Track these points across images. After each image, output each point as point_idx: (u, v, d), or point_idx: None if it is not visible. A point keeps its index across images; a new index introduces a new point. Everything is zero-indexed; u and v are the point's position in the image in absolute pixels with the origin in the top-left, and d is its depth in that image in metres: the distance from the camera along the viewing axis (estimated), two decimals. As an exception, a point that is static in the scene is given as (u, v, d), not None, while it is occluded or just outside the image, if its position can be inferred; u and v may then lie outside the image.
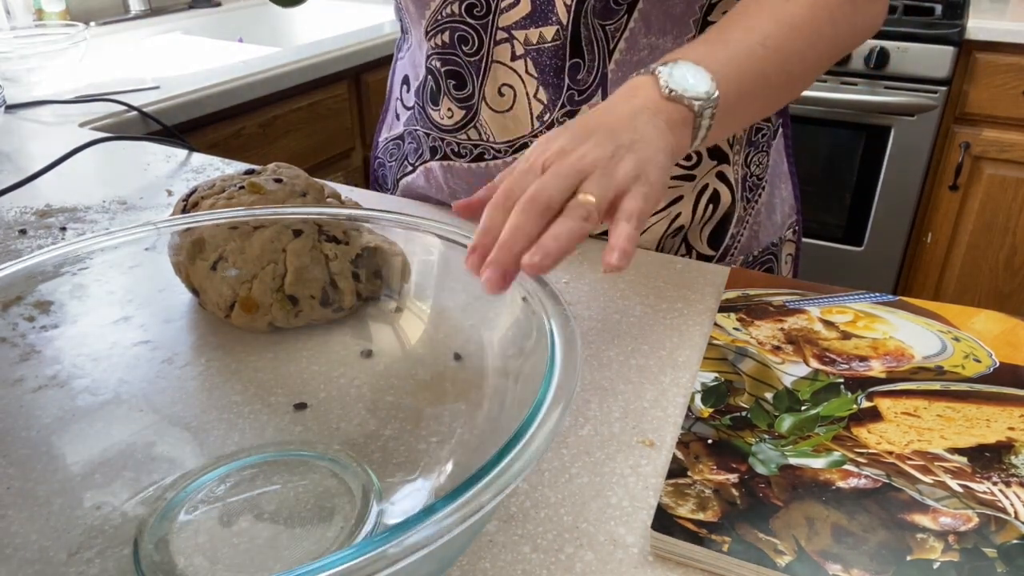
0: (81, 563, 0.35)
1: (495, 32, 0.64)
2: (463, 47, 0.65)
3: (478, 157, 0.69)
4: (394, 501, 0.39)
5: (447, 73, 0.67)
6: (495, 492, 0.26)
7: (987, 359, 0.50)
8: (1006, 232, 1.86)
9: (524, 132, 0.67)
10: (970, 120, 1.82)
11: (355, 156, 1.60)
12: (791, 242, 0.79)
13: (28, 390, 0.39)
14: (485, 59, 0.65)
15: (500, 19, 0.63)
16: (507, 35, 0.63)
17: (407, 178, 0.77)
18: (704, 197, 0.69)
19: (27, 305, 0.40)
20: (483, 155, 0.69)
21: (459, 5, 0.64)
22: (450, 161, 0.72)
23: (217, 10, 1.83)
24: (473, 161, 0.70)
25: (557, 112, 0.65)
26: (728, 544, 0.36)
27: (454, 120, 0.69)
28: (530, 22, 0.62)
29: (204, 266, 0.48)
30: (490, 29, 0.64)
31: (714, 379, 0.48)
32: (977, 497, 0.39)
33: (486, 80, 0.66)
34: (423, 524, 0.25)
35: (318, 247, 0.50)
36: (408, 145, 0.76)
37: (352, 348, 0.48)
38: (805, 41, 0.54)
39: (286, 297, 0.49)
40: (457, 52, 0.66)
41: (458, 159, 0.71)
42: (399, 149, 0.78)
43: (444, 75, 0.68)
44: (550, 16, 0.62)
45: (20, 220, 0.70)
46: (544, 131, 0.66)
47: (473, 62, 0.65)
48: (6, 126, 0.97)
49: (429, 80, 0.70)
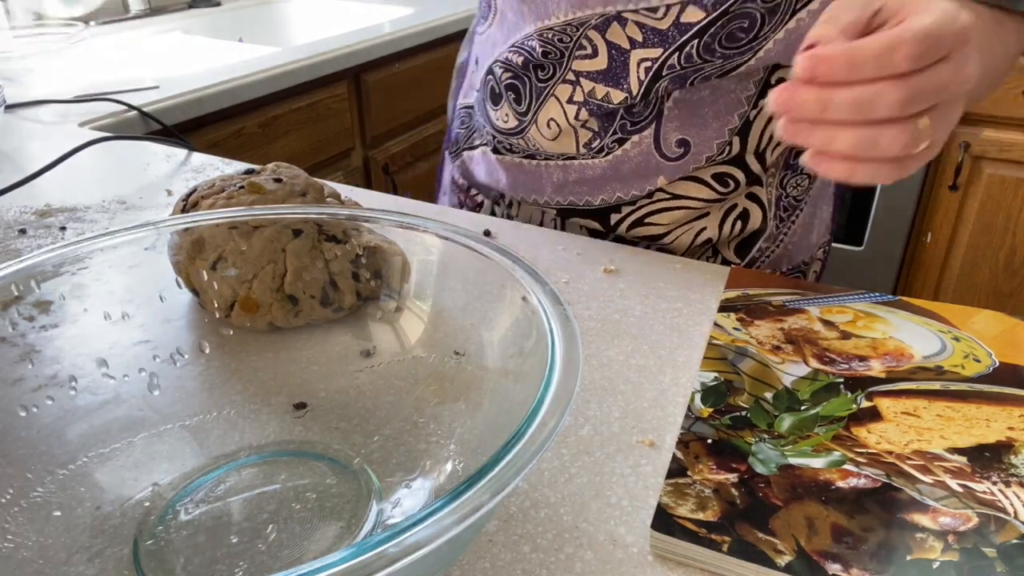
0: (81, 563, 0.35)
1: (566, 72, 0.64)
2: (538, 72, 0.65)
3: (529, 156, 0.70)
4: (394, 501, 0.39)
5: (508, 86, 0.68)
6: (495, 492, 0.26)
7: (987, 359, 0.50)
8: (1006, 232, 1.86)
9: (570, 151, 0.68)
10: (970, 120, 1.82)
11: (355, 156, 1.60)
12: (819, 260, 0.79)
13: (28, 390, 0.39)
14: (546, 91, 0.65)
15: (573, 62, 0.63)
16: (574, 78, 0.63)
17: (469, 152, 0.78)
18: (732, 215, 0.69)
19: (27, 305, 0.40)
20: (534, 156, 0.70)
21: (539, 44, 0.64)
22: (501, 156, 0.72)
23: (217, 10, 1.83)
24: (525, 158, 0.71)
25: (607, 139, 0.65)
26: (728, 544, 0.36)
27: (509, 126, 0.70)
28: (602, 78, 0.62)
29: (204, 266, 0.48)
30: (563, 68, 0.64)
31: (714, 379, 0.48)
32: (977, 497, 0.39)
33: (540, 108, 0.66)
34: (423, 524, 0.25)
35: (318, 247, 0.50)
36: (475, 122, 0.76)
37: (352, 348, 0.48)
38: None
39: (286, 297, 0.49)
40: (527, 74, 0.66)
41: (510, 155, 0.72)
42: (470, 119, 0.78)
43: (505, 87, 0.68)
44: (622, 82, 0.61)
45: (20, 220, 0.70)
46: (591, 157, 0.67)
47: (539, 89, 0.66)
48: (6, 126, 0.97)
49: (491, 80, 0.70)
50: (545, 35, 0.63)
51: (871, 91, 0.36)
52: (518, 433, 0.28)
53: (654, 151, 0.64)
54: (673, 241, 0.70)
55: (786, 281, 0.60)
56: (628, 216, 0.69)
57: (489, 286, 0.40)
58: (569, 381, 0.31)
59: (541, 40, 0.63)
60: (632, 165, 0.66)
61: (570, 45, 0.62)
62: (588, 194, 0.69)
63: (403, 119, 1.71)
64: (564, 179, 0.69)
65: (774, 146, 0.66)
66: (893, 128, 0.37)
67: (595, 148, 0.66)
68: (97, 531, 0.37)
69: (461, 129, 0.80)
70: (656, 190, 0.67)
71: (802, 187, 0.72)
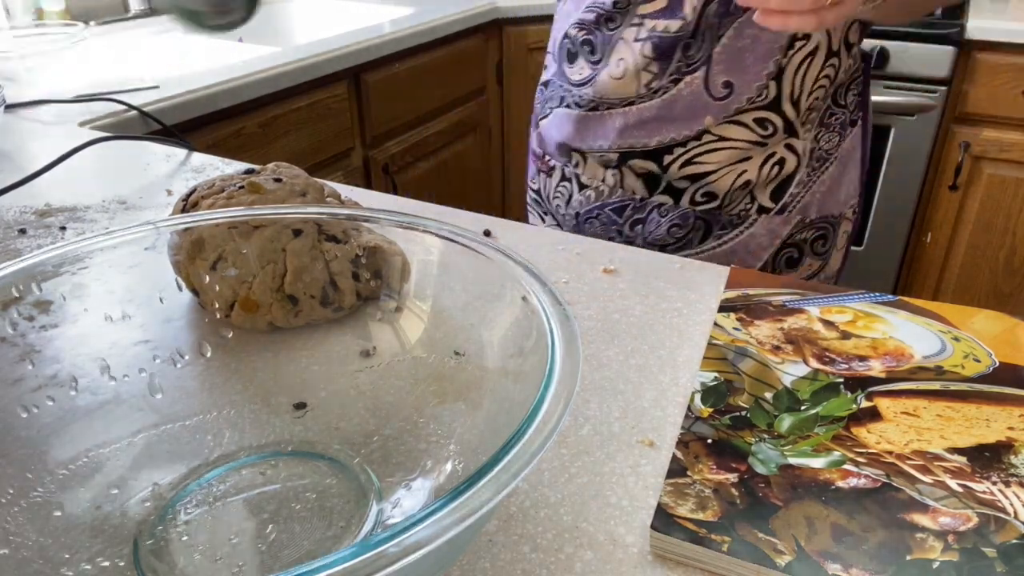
0: (81, 563, 0.35)
1: (632, 17, 0.76)
2: (608, 24, 0.78)
3: (593, 108, 0.81)
4: (394, 501, 0.39)
5: (583, 42, 0.80)
6: (495, 492, 0.26)
7: (987, 359, 0.50)
8: (1006, 232, 1.86)
9: (632, 93, 0.78)
10: (970, 120, 1.82)
11: (355, 156, 1.60)
12: (848, 220, 0.87)
13: (28, 390, 0.39)
14: (616, 37, 0.77)
15: (639, 8, 0.75)
16: (640, 21, 0.75)
17: (544, 120, 0.89)
18: (771, 161, 0.78)
19: (27, 305, 0.40)
20: (597, 107, 0.81)
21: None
22: (569, 110, 0.83)
23: (217, 10, 1.83)
24: (590, 111, 0.81)
25: (665, 79, 0.76)
26: (728, 544, 0.36)
27: (583, 76, 0.81)
28: (661, 15, 0.74)
29: (204, 266, 0.48)
30: (629, 15, 0.76)
31: (714, 379, 0.48)
32: (977, 497, 0.39)
33: (612, 53, 0.78)
34: (423, 524, 0.25)
35: (318, 247, 0.50)
36: (550, 91, 0.88)
37: (352, 348, 0.48)
38: None
39: (286, 297, 0.49)
40: (599, 28, 0.78)
41: (577, 108, 0.83)
42: (542, 94, 0.90)
43: (581, 43, 0.80)
44: (678, 12, 0.73)
45: (20, 219, 0.70)
46: (649, 98, 0.77)
47: (608, 37, 0.78)
48: (6, 125, 0.97)
49: (566, 42, 0.82)
50: None
51: None
52: (518, 433, 0.28)
53: (704, 90, 0.75)
54: (717, 180, 0.78)
55: (786, 281, 0.60)
56: (680, 157, 0.78)
57: (489, 286, 0.40)
58: (569, 381, 0.31)
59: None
60: (684, 104, 0.76)
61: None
62: (646, 136, 0.79)
63: (403, 119, 1.71)
64: (624, 123, 0.80)
65: (807, 94, 0.76)
66: None
67: (653, 88, 0.76)
68: (97, 531, 0.37)
69: (537, 104, 0.92)
70: (704, 131, 0.77)
71: (833, 142, 0.81)
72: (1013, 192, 1.82)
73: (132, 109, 1.10)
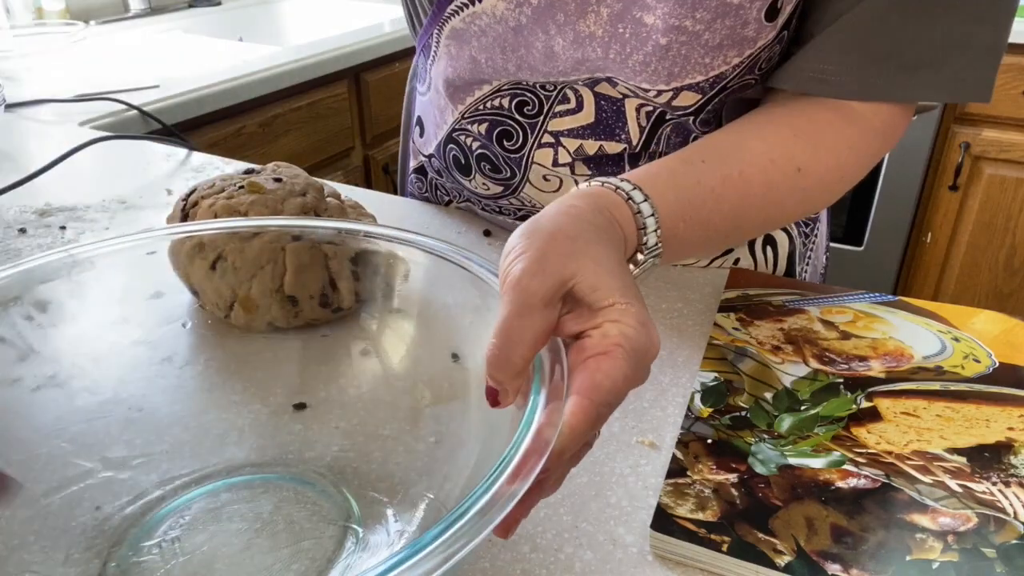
0: (80, 563, 0.35)
1: (541, 134, 0.57)
2: (505, 142, 0.59)
3: (523, 217, 0.64)
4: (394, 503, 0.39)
5: (480, 156, 0.61)
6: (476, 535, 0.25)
7: (986, 359, 0.50)
8: (1006, 232, 1.86)
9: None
10: (970, 120, 1.82)
11: (355, 155, 1.60)
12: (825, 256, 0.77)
13: (27, 390, 0.39)
14: (526, 158, 0.59)
15: (550, 122, 0.56)
16: (553, 140, 0.57)
17: (451, 206, 0.73)
18: (758, 243, 0.66)
19: (27, 305, 0.40)
20: (530, 214, 0.63)
21: (509, 100, 0.56)
22: (492, 214, 0.67)
23: (217, 9, 1.83)
24: (520, 219, 0.64)
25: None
26: (727, 544, 0.36)
27: (491, 193, 0.64)
28: (590, 133, 0.56)
29: (204, 266, 0.48)
30: (537, 131, 0.57)
31: (714, 379, 0.48)
32: (976, 497, 0.39)
33: (527, 174, 0.60)
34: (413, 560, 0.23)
35: (317, 247, 0.50)
36: (433, 180, 0.71)
37: (352, 348, 0.48)
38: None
39: (286, 297, 0.49)
40: (495, 145, 0.59)
41: (502, 216, 0.66)
42: (423, 182, 0.72)
43: (476, 158, 0.62)
44: (618, 133, 0.56)
45: (20, 219, 0.70)
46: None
47: (513, 158, 0.59)
48: (6, 125, 0.97)
49: (454, 150, 0.63)
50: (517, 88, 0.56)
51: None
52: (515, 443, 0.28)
53: None
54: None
55: (786, 281, 0.60)
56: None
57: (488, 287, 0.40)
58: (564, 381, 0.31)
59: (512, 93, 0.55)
60: None
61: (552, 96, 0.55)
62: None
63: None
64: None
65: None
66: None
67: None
68: (97, 531, 0.37)
69: (424, 193, 0.73)
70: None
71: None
72: (1013, 192, 1.82)
73: (132, 108, 1.10)
